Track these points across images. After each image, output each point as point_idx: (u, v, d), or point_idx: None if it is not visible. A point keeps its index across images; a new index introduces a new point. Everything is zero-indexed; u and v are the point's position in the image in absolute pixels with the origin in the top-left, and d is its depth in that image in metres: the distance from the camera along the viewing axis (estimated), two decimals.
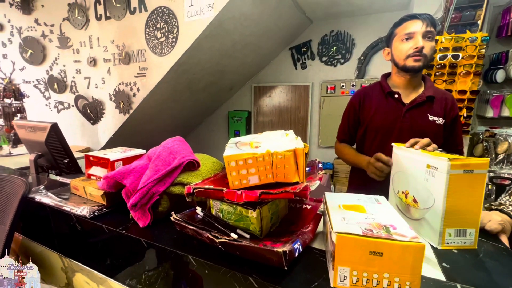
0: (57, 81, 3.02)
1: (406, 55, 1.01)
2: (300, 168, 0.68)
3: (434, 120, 1.06)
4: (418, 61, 1.00)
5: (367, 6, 2.81)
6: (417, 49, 0.99)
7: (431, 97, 1.06)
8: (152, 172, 0.74)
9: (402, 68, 1.04)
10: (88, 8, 2.68)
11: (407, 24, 1.02)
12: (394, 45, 1.06)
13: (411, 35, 1.00)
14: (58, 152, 1.30)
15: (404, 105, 1.08)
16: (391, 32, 1.08)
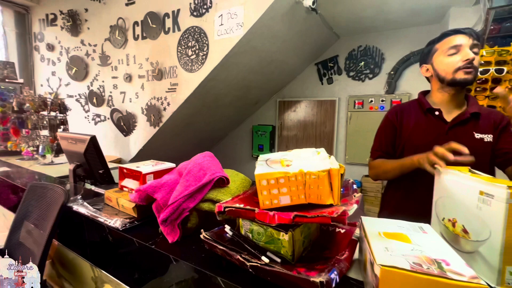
0: (96, 95, 3.26)
1: (455, 68, 0.95)
2: (334, 189, 0.65)
3: (481, 138, 0.97)
4: (470, 73, 0.94)
5: (397, 21, 2.74)
6: (467, 61, 0.93)
7: (476, 114, 0.98)
8: (182, 188, 0.75)
9: (450, 82, 0.98)
10: (127, 29, 2.90)
11: (451, 38, 0.97)
12: (438, 60, 1.00)
13: (458, 48, 0.95)
14: (94, 163, 1.37)
15: (446, 122, 1.01)
16: (429, 48, 1.04)
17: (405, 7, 2.39)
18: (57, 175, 1.65)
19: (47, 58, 3.55)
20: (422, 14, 2.54)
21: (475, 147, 0.96)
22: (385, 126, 1.14)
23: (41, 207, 1.10)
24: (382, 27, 2.92)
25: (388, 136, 1.12)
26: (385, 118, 1.16)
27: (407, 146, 1.06)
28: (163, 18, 2.59)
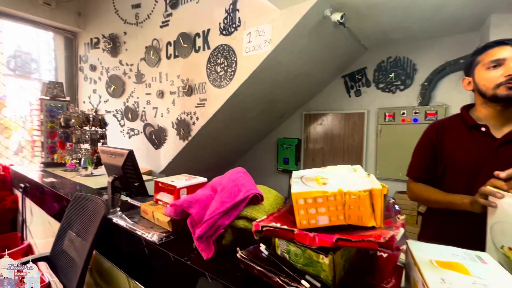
0: (131, 111, 3.48)
1: (496, 83, 0.89)
2: (377, 211, 0.61)
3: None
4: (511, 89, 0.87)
5: (430, 30, 2.64)
6: (509, 77, 0.86)
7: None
8: (218, 204, 0.75)
9: (491, 98, 0.91)
10: (161, 49, 3.10)
11: (494, 51, 0.90)
12: (479, 73, 0.94)
13: (500, 62, 0.88)
14: (131, 175, 1.44)
15: (495, 139, 0.92)
16: (471, 60, 0.98)
17: (439, 16, 2.30)
18: (96, 187, 1.75)
19: (89, 78, 3.89)
20: (458, 23, 2.42)
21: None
22: (424, 144, 1.07)
23: (84, 217, 1.17)
24: (414, 37, 2.82)
25: (428, 154, 1.05)
26: (423, 136, 1.09)
27: (450, 165, 0.99)
28: (194, 38, 2.74)
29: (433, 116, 2.77)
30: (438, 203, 0.96)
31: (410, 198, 1.12)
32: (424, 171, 1.07)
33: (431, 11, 2.18)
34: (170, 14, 2.95)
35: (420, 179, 1.08)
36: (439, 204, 0.96)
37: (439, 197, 0.96)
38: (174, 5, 2.89)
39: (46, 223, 1.81)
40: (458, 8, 2.13)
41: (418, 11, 2.19)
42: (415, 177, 1.09)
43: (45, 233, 1.89)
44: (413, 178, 1.10)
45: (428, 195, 1.01)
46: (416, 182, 1.08)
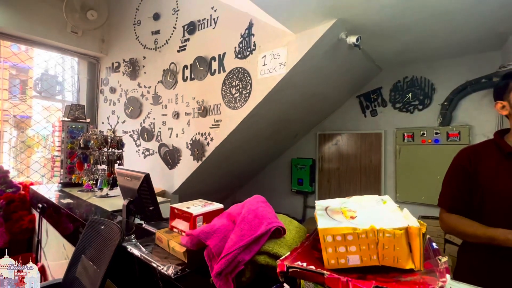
0: (147, 131, 3.56)
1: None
2: (415, 252, 0.55)
3: None
4: None
5: (447, 50, 2.60)
6: None
7: None
8: (237, 237, 0.71)
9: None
10: (177, 72, 3.20)
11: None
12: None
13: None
14: (146, 199, 1.42)
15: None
16: (506, 83, 0.92)
17: (456, 37, 2.26)
18: (111, 209, 1.75)
19: (109, 99, 4.05)
20: (478, 42, 2.37)
21: None
22: (456, 172, 1.00)
23: (98, 243, 1.14)
24: (430, 57, 2.79)
25: (461, 183, 0.98)
26: (454, 163, 1.03)
27: (488, 196, 0.91)
28: (210, 61, 2.82)
29: (455, 136, 2.66)
30: (477, 238, 0.88)
31: (444, 231, 1.03)
32: (458, 201, 0.99)
33: (448, 31, 2.16)
34: (188, 39, 3.08)
35: (455, 209, 1.00)
36: (478, 239, 0.87)
37: (478, 231, 0.87)
38: (192, 31, 3.02)
39: (60, 245, 1.81)
40: (478, 28, 2.09)
41: (434, 32, 2.17)
42: (449, 207, 1.01)
43: (58, 256, 1.88)
44: (446, 209, 1.02)
45: (465, 229, 0.92)
46: (450, 213, 1.00)
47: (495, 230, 0.83)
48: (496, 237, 0.82)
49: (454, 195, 1.00)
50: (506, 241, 0.77)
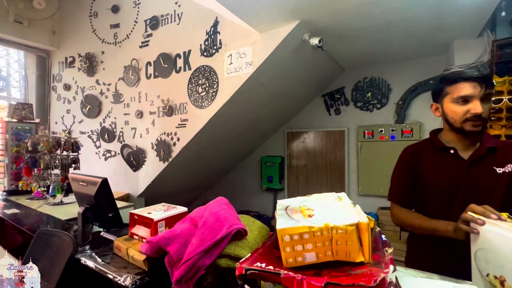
0: (108, 131, 3.34)
1: (464, 119, 0.92)
2: (365, 245, 0.59)
3: (503, 171, 0.92)
4: (477, 126, 0.91)
5: (402, 53, 2.81)
6: (475, 114, 0.89)
7: (493, 148, 0.94)
8: (198, 242, 0.70)
9: (458, 130, 0.95)
10: (140, 69, 3.05)
11: (462, 86, 0.92)
12: (447, 105, 0.97)
13: (467, 98, 0.91)
14: (104, 206, 1.33)
15: (464, 160, 0.96)
16: (440, 88, 1.00)
17: (409, 41, 2.46)
18: (66, 217, 1.61)
19: (63, 97, 3.72)
20: (427, 47, 2.60)
21: (500, 181, 0.91)
22: (402, 169, 1.09)
23: (48, 256, 1.05)
24: (387, 59, 2.99)
25: (407, 178, 1.07)
26: (400, 160, 1.11)
27: (429, 188, 1.01)
28: (174, 59, 2.73)
29: (409, 133, 2.90)
30: (422, 230, 0.96)
31: (395, 223, 1.11)
32: (405, 195, 1.08)
33: (402, 35, 2.33)
34: (150, 35, 2.94)
35: (403, 202, 1.09)
36: (424, 230, 0.96)
37: (423, 223, 0.96)
38: (155, 26, 2.89)
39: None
40: (425, 34, 2.29)
41: (390, 35, 2.33)
42: (398, 201, 1.10)
43: None
44: (396, 203, 1.10)
45: (413, 222, 1.01)
46: (399, 207, 1.08)
47: (437, 222, 0.92)
48: (438, 229, 0.90)
49: (402, 190, 1.08)
50: (446, 232, 0.85)
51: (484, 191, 0.91)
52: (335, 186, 3.42)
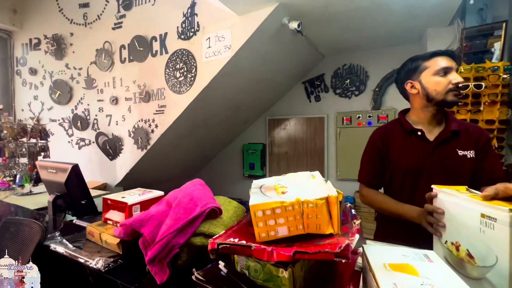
0: (81, 119, 3.18)
1: (447, 89, 0.96)
2: (334, 218, 0.61)
3: (464, 154, 0.98)
4: (458, 95, 0.97)
5: (379, 41, 2.87)
6: (458, 84, 0.95)
7: (457, 131, 0.99)
8: (172, 222, 0.69)
9: (440, 102, 0.98)
10: (113, 53, 2.89)
11: (441, 59, 0.98)
12: (427, 78, 1.00)
13: (447, 70, 0.97)
14: (76, 193, 1.28)
15: (430, 142, 1.01)
16: (418, 65, 1.03)
17: (385, 29, 2.51)
18: (36, 207, 1.54)
19: (29, 83, 3.46)
20: (402, 34, 2.67)
21: (460, 164, 0.97)
22: (372, 151, 1.12)
23: (15, 246, 1.00)
24: (365, 46, 3.04)
25: (377, 160, 1.10)
26: (370, 143, 1.14)
27: (396, 170, 1.05)
28: (150, 42, 2.61)
29: (384, 119, 3.00)
30: (390, 213, 1.01)
31: (364, 203, 1.16)
32: (375, 177, 1.12)
33: (378, 22, 2.37)
34: (123, 16, 2.78)
35: (372, 184, 1.13)
36: (391, 213, 1.01)
37: (391, 207, 1.01)
38: (128, 6, 2.73)
39: None
40: (400, 21, 2.35)
41: (368, 23, 2.37)
42: (367, 183, 1.13)
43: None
44: (365, 184, 1.14)
45: (380, 204, 1.05)
46: (368, 188, 1.13)
47: (403, 207, 0.97)
48: (404, 214, 0.95)
49: (371, 172, 1.12)
50: (411, 218, 0.91)
51: (446, 172, 0.97)
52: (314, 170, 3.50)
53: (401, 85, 1.10)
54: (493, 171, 0.96)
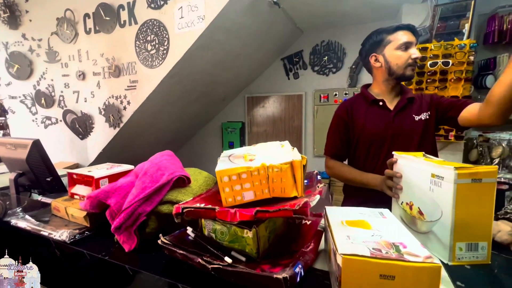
0: (45, 96, 2.95)
1: (407, 64, 1.00)
2: (298, 181, 0.63)
3: (420, 118, 1.05)
4: (414, 70, 1.03)
5: (356, 16, 2.86)
6: (416, 59, 1.00)
7: (411, 99, 1.07)
8: (138, 190, 0.68)
9: (399, 76, 1.03)
10: (77, 22, 2.65)
11: (404, 34, 1.01)
12: (390, 52, 1.03)
13: (408, 45, 1.00)
14: (40, 170, 1.22)
15: (390, 111, 1.07)
16: (382, 38, 1.05)
17: (361, 3, 2.49)
18: None
19: None
20: (379, 10, 2.67)
21: (416, 127, 1.04)
22: (337, 124, 1.16)
23: None
24: (342, 22, 3.02)
25: (342, 133, 1.14)
26: (336, 117, 1.17)
27: (361, 139, 1.10)
28: (117, 10, 2.41)
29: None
30: (355, 182, 1.07)
31: (330, 175, 1.21)
32: (340, 149, 1.16)
33: None
34: None
35: (337, 156, 1.17)
36: (355, 183, 1.06)
37: (356, 177, 1.06)
38: None
39: None
40: None
41: None
42: (333, 155, 1.17)
43: None
44: (330, 156, 1.18)
45: (345, 175, 1.11)
46: (334, 160, 1.17)
47: (367, 176, 1.02)
48: (367, 182, 1.00)
49: (336, 144, 1.16)
50: (374, 186, 0.96)
51: (406, 137, 1.04)
52: None
53: (365, 57, 1.12)
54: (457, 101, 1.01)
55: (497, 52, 2.33)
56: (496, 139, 2.19)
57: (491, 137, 2.22)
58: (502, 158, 2.17)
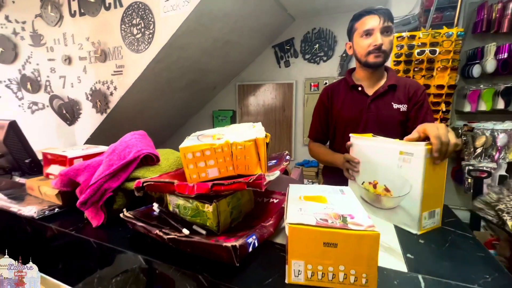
0: (31, 80, 2.89)
1: (367, 51, 1.00)
2: (262, 159, 0.64)
3: (398, 108, 1.05)
4: (378, 57, 1.00)
5: (347, 3, 2.82)
6: (376, 47, 0.98)
7: (393, 86, 1.06)
8: (105, 167, 0.69)
9: (364, 64, 1.04)
10: (61, 4, 2.57)
11: (366, 20, 0.99)
12: (355, 40, 1.04)
13: (369, 32, 0.99)
14: (18, 152, 1.22)
15: (368, 96, 1.07)
16: (351, 26, 1.06)
17: None
18: None
19: None
20: None
21: (393, 115, 1.05)
22: (319, 108, 1.19)
23: None
24: (334, 9, 2.98)
25: (322, 116, 1.17)
26: (318, 101, 1.20)
27: (338, 123, 1.12)
28: None
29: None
30: (328, 163, 1.09)
31: (312, 157, 1.24)
32: (320, 132, 1.19)
33: None
34: None
35: (318, 139, 1.20)
36: (327, 163, 1.09)
37: (328, 157, 1.09)
38: None
39: None
40: None
41: None
42: (314, 138, 1.21)
43: None
44: (312, 139, 1.21)
45: (320, 156, 1.15)
46: (314, 143, 1.20)
47: (334, 155, 1.04)
48: (334, 162, 1.02)
49: (317, 128, 1.20)
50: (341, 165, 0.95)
51: (380, 124, 1.05)
52: (282, 137, 3.59)
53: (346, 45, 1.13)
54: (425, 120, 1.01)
55: (486, 42, 2.33)
56: (480, 128, 2.22)
57: (475, 127, 2.25)
58: (485, 148, 2.21)
